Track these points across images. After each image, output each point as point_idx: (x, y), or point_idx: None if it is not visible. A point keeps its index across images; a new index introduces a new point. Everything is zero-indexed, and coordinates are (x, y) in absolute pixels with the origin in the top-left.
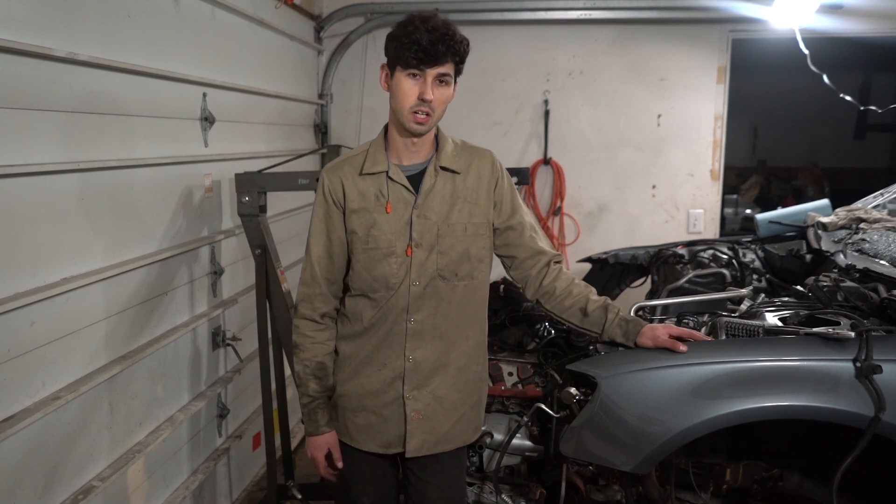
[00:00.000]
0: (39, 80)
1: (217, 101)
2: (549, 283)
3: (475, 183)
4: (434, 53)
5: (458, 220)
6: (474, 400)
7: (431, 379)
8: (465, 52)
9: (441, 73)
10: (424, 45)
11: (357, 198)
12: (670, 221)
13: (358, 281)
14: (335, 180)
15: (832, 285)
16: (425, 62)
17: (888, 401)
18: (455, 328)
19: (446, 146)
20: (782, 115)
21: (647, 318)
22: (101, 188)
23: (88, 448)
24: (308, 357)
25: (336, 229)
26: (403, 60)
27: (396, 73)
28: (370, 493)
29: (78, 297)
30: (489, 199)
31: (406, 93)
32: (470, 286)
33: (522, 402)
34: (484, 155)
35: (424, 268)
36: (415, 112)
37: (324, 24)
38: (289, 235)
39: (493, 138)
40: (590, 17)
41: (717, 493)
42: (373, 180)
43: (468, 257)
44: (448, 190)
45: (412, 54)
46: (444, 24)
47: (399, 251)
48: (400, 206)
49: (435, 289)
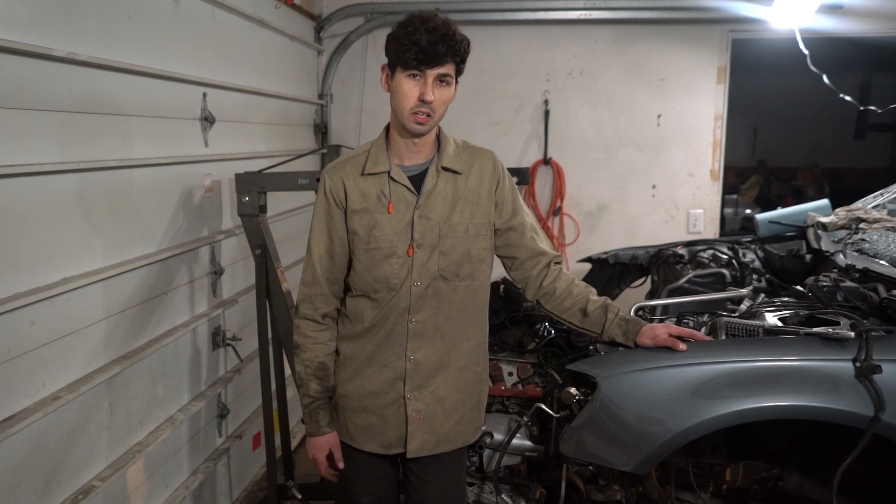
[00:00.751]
0: (39, 80)
1: (217, 101)
2: (550, 284)
3: (476, 183)
4: (434, 54)
5: (460, 220)
6: (475, 400)
7: (432, 379)
8: (465, 51)
9: (441, 73)
10: (424, 46)
11: (359, 198)
12: (670, 221)
13: (359, 281)
14: (336, 180)
15: (832, 285)
16: (426, 63)
17: (888, 401)
18: (456, 329)
19: (448, 146)
20: (782, 115)
21: (647, 318)
22: (101, 188)
23: (88, 448)
24: (309, 357)
25: (337, 229)
26: (403, 61)
27: (397, 73)
28: (370, 493)
29: (78, 297)
30: (490, 200)
31: (406, 94)
32: (471, 287)
33: (522, 402)
34: (486, 155)
35: (426, 268)
36: (415, 113)
37: (324, 24)
38: (289, 235)
39: (493, 138)
40: (590, 17)
41: (717, 493)
42: (374, 180)
43: (469, 258)
44: (450, 190)
45: (412, 55)
46: (445, 23)
47: (400, 252)
48: (401, 206)
49: (436, 289)
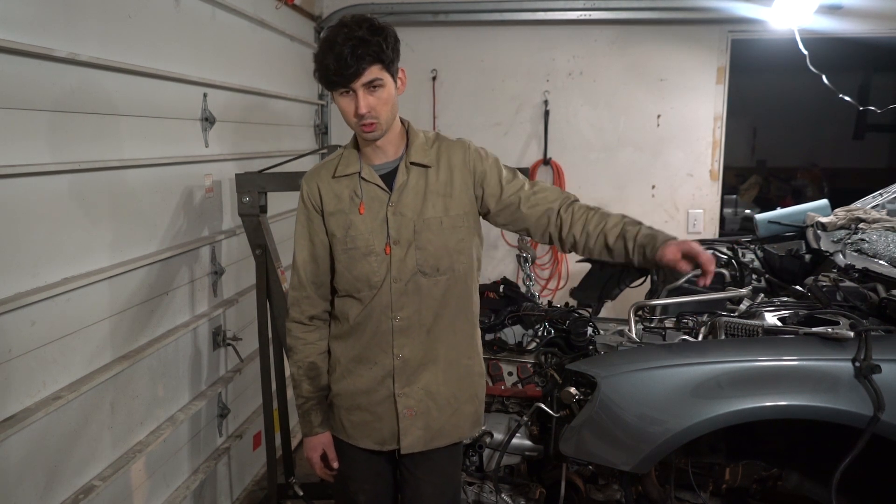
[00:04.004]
0: (40, 80)
1: (217, 102)
2: (568, 235)
3: (447, 176)
4: (347, 71)
5: (433, 214)
6: (469, 394)
7: (421, 375)
8: (383, 50)
9: (367, 81)
10: (334, 69)
11: (333, 200)
12: (670, 221)
13: (342, 281)
14: (312, 186)
15: (831, 285)
16: (344, 81)
17: (887, 400)
18: (441, 322)
19: (416, 141)
20: (782, 115)
21: (647, 318)
22: (102, 188)
23: (89, 447)
24: (300, 358)
25: (318, 233)
26: (328, 83)
27: (332, 94)
28: (367, 490)
29: (79, 296)
30: (466, 190)
31: (345, 111)
32: (452, 279)
33: (522, 402)
34: (454, 146)
35: (404, 264)
36: (362, 125)
37: (324, 24)
38: (289, 235)
39: (493, 138)
40: (589, 17)
41: (717, 493)
42: (347, 182)
43: (447, 251)
44: (421, 185)
45: (328, 79)
46: (351, 34)
47: (378, 249)
48: (375, 204)
49: (417, 285)
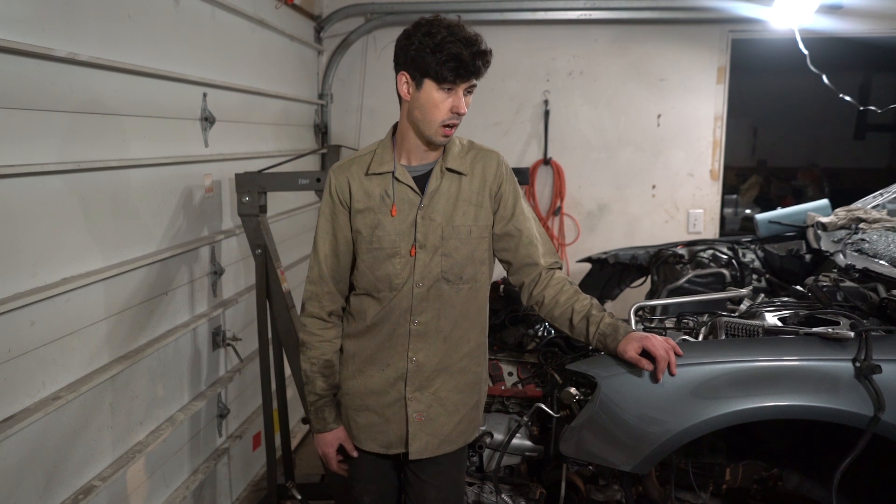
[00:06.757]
0: (40, 80)
1: (217, 101)
2: (539, 293)
3: (480, 185)
4: (473, 68)
5: (463, 222)
6: (475, 400)
7: (433, 381)
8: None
9: (472, 84)
10: (465, 61)
11: (363, 198)
12: (670, 221)
13: (362, 280)
14: (342, 180)
15: (832, 285)
16: (462, 76)
17: (887, 401)
18: (458, 331)
19: (453, 147)
20: (782, 115)
21: (647, 318)
22: (102, 188)
23: (89, 448)
24: (315, 355)
25: (342, 229)
26: (439, 74)
27: (426, 85)
28: (371, 491)
29: (78, 296)
30: (491, 202)
31: (438, 106)
32: (473, 289)
33: (522, 402)
34: (491, 157)
35: (428, 269)
36: (446, 126)
37: (324, 24)
38: (289, 235)
39: (493, 138)
40: (590, 17)
41: (717, 493)
42: (379, 180)
43: (472, 260)
44: (454, 191)
45: (449, 69)
46: (476, 36)
47: (403, 252)
48: (405, 206)
49: (439, 291)
